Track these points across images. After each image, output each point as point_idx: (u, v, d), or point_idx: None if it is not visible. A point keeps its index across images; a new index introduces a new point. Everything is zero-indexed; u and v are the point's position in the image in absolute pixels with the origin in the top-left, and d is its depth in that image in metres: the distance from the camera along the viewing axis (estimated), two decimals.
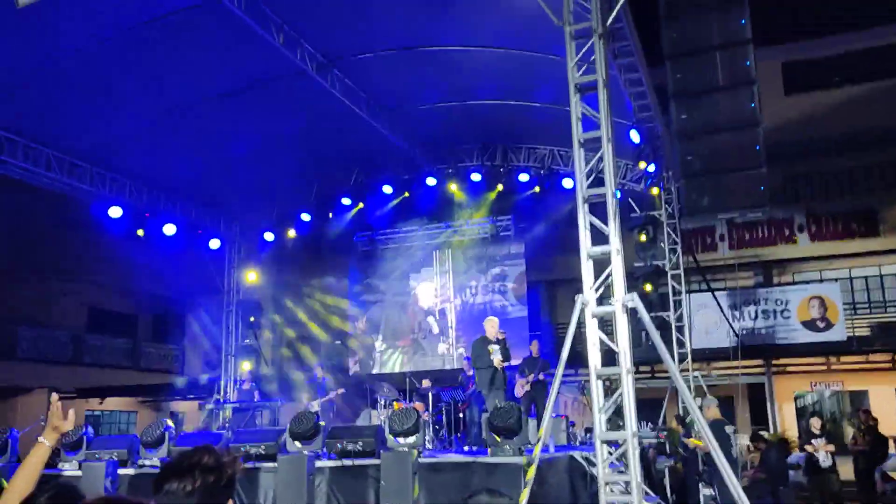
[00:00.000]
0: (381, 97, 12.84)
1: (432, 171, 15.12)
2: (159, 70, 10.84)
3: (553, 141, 14.59)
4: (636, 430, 6.07)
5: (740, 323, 15.99)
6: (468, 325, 18.61)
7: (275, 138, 13.63)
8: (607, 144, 6.59)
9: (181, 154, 13.25)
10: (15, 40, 9.24)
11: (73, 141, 11.81)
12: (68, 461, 8.75)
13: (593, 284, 6.72)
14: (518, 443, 8.51)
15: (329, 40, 11.00)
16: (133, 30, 9.69)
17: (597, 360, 6.49)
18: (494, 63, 11.90)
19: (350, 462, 8.67)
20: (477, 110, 13.64)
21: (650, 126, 11.79)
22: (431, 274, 19.16)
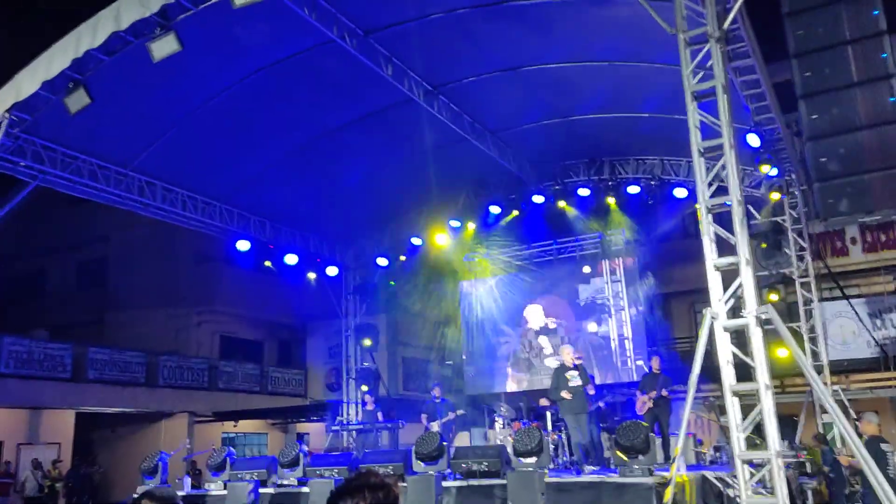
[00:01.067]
0: (485, 119, 13.01)
1: (540, 188, 15.10)
2: (279, 110, 11.53)
3: (661, 150, 14.23)
4: (780, 449, 5.77)
5: (882, 332, 14.83)
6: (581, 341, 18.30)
7: (385, 166, 14.09)
8: (730, 151, 6.38)
9: (300, 187, 13.94)
10: (149, 92, 10.11)
11: (204, 181, 12.71)
12: (214, 481, 9.31)
13: (722, 296, 6.48)
14: (646, 462, 8.29)
15: (434, 68, 11.30)
16: (255, 76, 10.37)
17: (731, 375, 6.23)
18: (598, 77, 11.80)
19: (476, 482, 8.74)
20: (581, 125, 13.54)
21: (770, 128, 11.26)
22: (542, 291, 19.00)
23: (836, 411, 6.49)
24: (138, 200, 11.79)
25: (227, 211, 13.41)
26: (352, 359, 16.73)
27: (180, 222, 12.89)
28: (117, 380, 17.42)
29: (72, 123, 9.40)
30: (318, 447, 18.35)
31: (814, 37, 6.42)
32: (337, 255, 16.52)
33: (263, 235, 14.32)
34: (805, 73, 6.34)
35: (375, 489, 2.19)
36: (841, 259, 16.72)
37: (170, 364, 18.62)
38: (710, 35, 6.52)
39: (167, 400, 18.39)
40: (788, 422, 12.87)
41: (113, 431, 19.27)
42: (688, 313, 20.77)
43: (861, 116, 6.40)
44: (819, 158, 6.46)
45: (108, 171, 11.20)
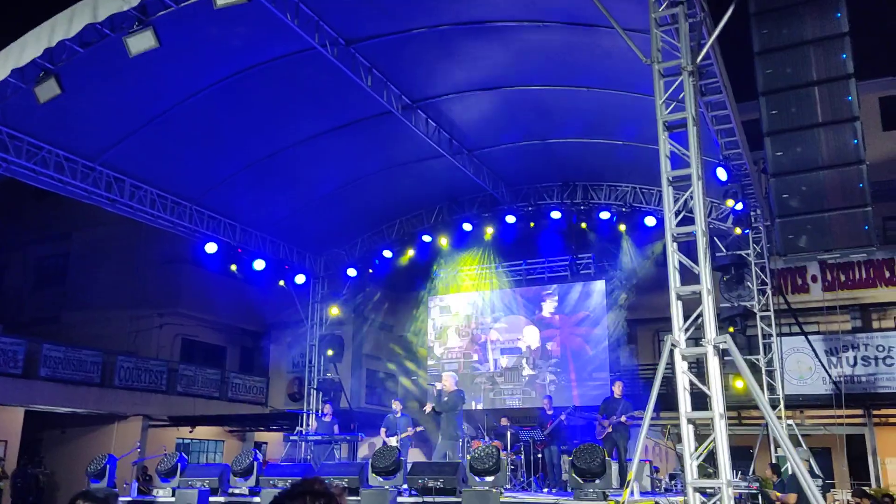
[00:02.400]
0: (462, 136, 13.09)
1: (513, 209, 15.20)
2: (254, 114, 11.45)
3: (635, 178, 14.43)
4: (731, 479, 5.83)
5: (837, 369, 15.13)
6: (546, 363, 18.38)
7: (359, 177, 14.07)
8: (698, 182, 6.50)
9: (273, 193, 13.84)
10: (123, 87, 9.98)
11: (175, 181, 12.55)
12: (163, 487, 9.10)
13: (683, 325, 6.56)
14: (601, 486, 8.31)
15: (414, 82, 11.36)
16: (233, 78, 10.31)
17: (687, 403, 6.30)
18: (576, 101, 11.96)
19: (431, 499, 8.66)
20: (558, 148, 13.69)
21: (738, 163, 11.52)
22: (508, 311, 19.08)
23: (789, 446, 6.59)
24: (105, 196, 11.58)
25: (197, 212, 13.24)
26: (315, 369, 16.55)
27: (148, 221, 12.68)
28: (71, 378, 16.97)
29: (40, 113, 9.23)
30: (277, 457, 18.08)
31: (782, 76, 6.60)
32: (306, 263, 16.40)
33: (233, 239, 14.16)
34: (772, 111, 6.51)
35: (317, 496, 2.16)
36: (801, 296, 17.08)
37: (127, 365, 18.21)
38: (684, 68, 6.67)
39: (122, 402, 17.96)
40: (743, 453, 13.04)
41: (63, 432, 18.74)
42: (652, 341, 21.00)
43: (824, 156, 6.58)
44: (782, 195, 6.62)
45: (75, 164, 11.00)
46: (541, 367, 18.44)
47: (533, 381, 18.38)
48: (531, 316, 18.81)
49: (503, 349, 18.95)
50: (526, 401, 17.97)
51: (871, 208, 6.61)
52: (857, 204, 6.50)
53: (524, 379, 18.52)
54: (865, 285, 17.51)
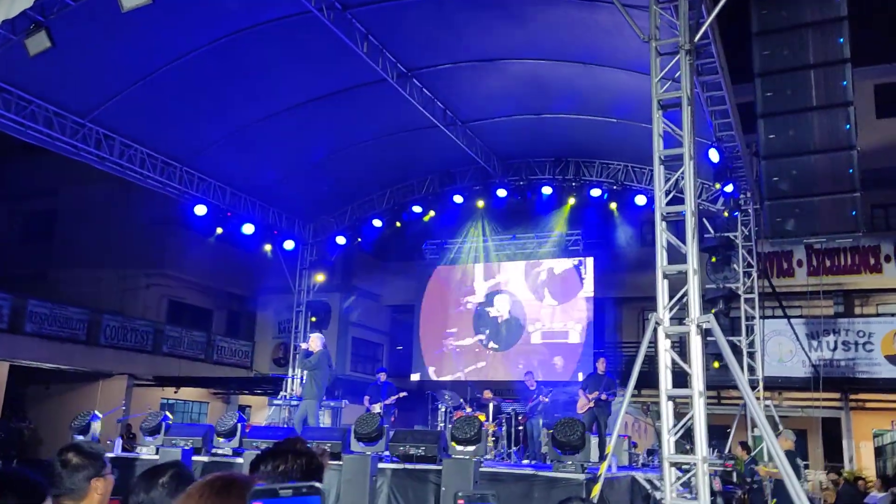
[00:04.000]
0: (457, 108, 13.01)
1: (504, 182, 15.18)
2: (248, 77, 11.33)
3: (627, 157, 14.43)
4: (706, 455, 5.95)
5: (817, 353, 15.36)
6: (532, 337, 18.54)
7: (352, 145, 13.99)
8: (689, 162, 6.52)
9: (264, 157, 13.76)
10: (116, 44, 9.83)
11: (166, 142, 12.44)
12: (146, 445, 9.18)
13: (667, 303, 6.63)
14: (580, 459, 8.45)
15: (410, 51, 11.25)
16: (227, 39, 10.17)
17: (668, 380, 6.39)
18: (572, 77, 11.89)
19: (412, 466, 8.79)
20: (552, 124, 13.64)
21: (730, 146, 11.53)
22: (498, 286, 19.18)
23: (766, 425, 6.72)
24: (95, 154, 11.46)
25: (187, 174, 13.15)
26: (301, 335, 16.61)
27: (137, 180, 12.58)
28: (56, 335, 16.94)
29: (30, 66, 9.08)
30: (260, 421, 18.21)
31: (779, 58, 6.58)
32: (295, 229, 16.36)
33: (222, 202, 14.09)
34: (767, 92, 6.50)
35: (298, 455, 2.20)
36: (786, 280, 17.25)
37: (113, 324, 18.19)
38: (681, 46, 6.64)
39: (107, 360, 17.97)
40: (721, 432, 13.27)
41: (47, 388, 18.76)
42: (637, 319, 21.19)
43: (816, 140, 6.60)
44: (772, 177, 6.65)
45: (64, 119, 10.87)
46: (526, 341, 18.60)
47: (518, 354, 18.55)
48: (519, 289, 18.92)
49: (490, 321, 19.08)
50: (510, 374, 18.15)
51: (859, 194, 6.66)
52: (846, 189, 6.55)
53: (509, 351, 18.68)
54: (850, 271, 17.70)
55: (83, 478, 2.43)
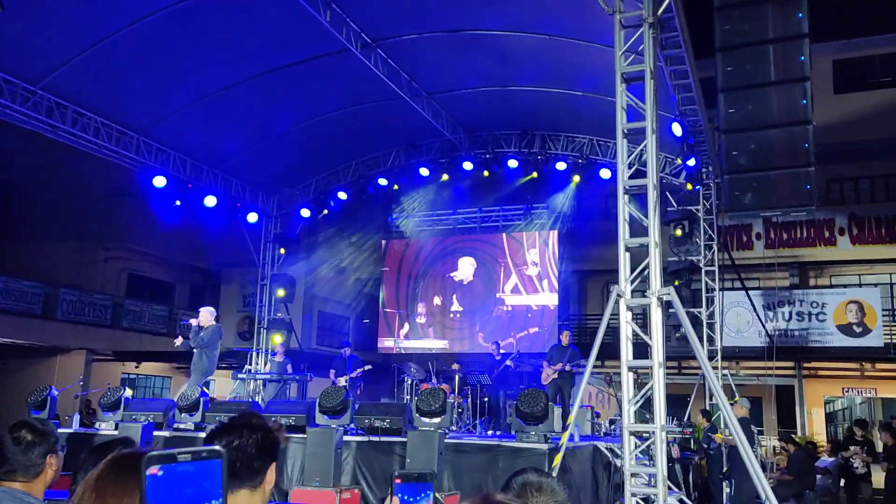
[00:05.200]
0: (423, 79, 12.86)
1: (470, 155, 15.14)
2: (208, 45, 11.02)
3: (592, 130, 14.48)
4: (664, 424, 6.09)
5: (773, 323, 15.79)
6: (496, 309, 18.69)
7: (316, 116, 13.76)
8: (651, 136, 6.56)
9: (225, 128, 13.46)
10: (69, 7, 9.47)
11: (122, 110, 12.08)
12: (105, 420, 9.05)
13: (629, 276, 6.71)
14: (543, 430, 8.57)
15: (374, 20, 11.05)
16: (186, 3, 9.85)
17: (629, 352, 6.50)
18: (538, 49, 11.83)
19: (377, 438, 8.83)
20: (517, 96, 13.59)
21: (693, 120, 11.65)
22: (464, 259, 19.23)
23: (721, 394, 6.89)
24: (46, 122, 11.08)
25: (144, 143, 12.81)
26: (265, 308, 16.48)
27: (91, 150, 12.22)
28: (11, 309, 16.53)
29: None
30: (225, 395, 18.09)
31: (739, 33, 6.63)
32: (259, 201, 16.13)
33: (183, 174, 13.79)
34: (727, 67, 6.55)
35: (254, 430, 2.18)
36: (745, 252, 17.64)
37: (70, 298, 17.81)
38: (645, 19, 6.64)
39: (65, 335, 17.63)
40: (681, 401, 13.61)
41: (3, 363, 18.36)
42: (601, 292, 21.50)
43: (774, 115, 6.68)
44: (731, 152, 6.74)
45: (14, 86, 10.46)
46: (491, 314, 18.74)
47: (485, 323, 18.69)
48: (484, 260, 19.00)
49: (456, 293, 19.16)
50: (474, 346, 18.31)
51: (814, 168, 6.79)
52: (801, 163, 6.66)
53: (475, 319, 18.81)
54: (805, 244, 18.17)
55: (38, 454, 2.39)
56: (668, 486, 6.38)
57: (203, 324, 10.43)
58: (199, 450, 1.01)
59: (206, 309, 10.72)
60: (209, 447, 1.03)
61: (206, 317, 10.49)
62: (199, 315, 10.49)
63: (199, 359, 10.50)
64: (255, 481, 2.07)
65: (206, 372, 10.59)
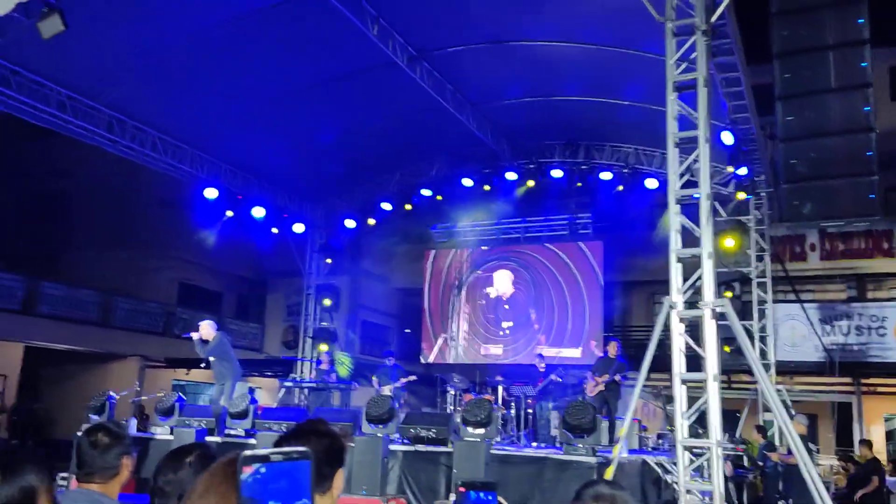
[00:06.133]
0: (467, 90, 12.93)
1: (514, 165, 15.12)
2: (259, 60, 11.28)
3: (638, 140, 14.34)
4: (721, 439, 5.95)
5: (830, 337, 15.29)
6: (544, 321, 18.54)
7: (362, 128, 13.94)
8: (704, 145, 6.46)
9: (273, 140, 13.74)
10: (127, 27, 9.80)
11: (176, 124, 12.44)
12: (160, 426, 9.26)
13: (681, 287, 6.60)
14: (591, 442, 8.47)
15: (420, 33, 11.17)
16: (238, 20, 10.12)
17: (681, 363, 6.38)
18: (584, 59, 11.79)
19: (423, 448, 8.84)
20: (562, 106, 13.55)
21: (745, 128, 11.42)
22: (500, 272, 19.16)
23: (781, 410, 6.71)
24: (106, 136, 11.48)
25: (197, 156, 13.16)
26: (311, 317, 16.69)
27: (148, 163, 12.61)
28: (70, 317, 17.09)
29: (43, 49, 9.06)
30: (270, 403, 18.34)
31: (798, 39, 6.48)
32: (305, 212, 16.38)
33: (232, 185, 14.11)
34: (785, 74, 6.40)
35: (321, 437, 2.21)
36: (799, 264, 17.12)
37: (125, 306, 18.33)
38: (697, 27, 6.56)
39: (119, 342, 18.12)
40: (731, 417, 13.27)
41: (61, 369, 18.95)
42: (646, 303, 21.15)
43: (834, 122, 6.50)
44: (790, 160, 6.57)
45: (77, 102, 10.87)
46: (534, 325, 18.60)
47: (526, 337, 18.57)
48: (528, 272, 18.89)
49: (500, 305, 19.09)
50: (519, 357, 18.19)
51: (877, 177, 6.57)
52: (864, 172, 6.45)
53: (518, 334, 18.70)
54: (863, 255, 17.52)
55: (115, 456, 2.47)
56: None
57: (205, 337, 10.54)
58: (290, 451, 1.05)
59: (206, 322, 10.89)
60: (299, 449, 1.07)
61: (208, 330, 10.64)
62: (200, 329, 10.62)
63: (220, 368, 10.66)
64: (325, 486, 2.09)
65: (234, 376, 10.75)
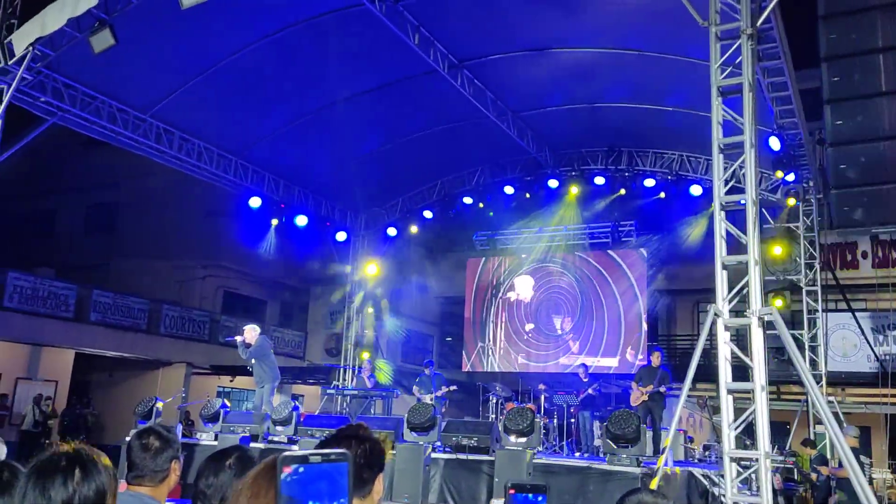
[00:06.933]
0: (508, 98, 12.92)
1: (555, 173, 15.04)
2: (301, 71, 11.49)
3: (682, 146, 14.12)
4: (769, 451, 5.79)
5: (883, 347, 14.77)
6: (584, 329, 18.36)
7: (402, 136, 14.05)
8: (750, 150, 6.33)
9: (316, 149, 13.93)
10: (174, 41, 10.08)
11: (221, 135, 12.72)
12: (206, 431, 9.43)
13: (727, 295, 6.46)
14: (635, 452, 8.33)
15: (461, 41, 11.22)
16: (281, 33, 10.32)
17: (728, 373, 6.24)
18: (625, 65, 11.69)
19: (465, 456, 8.82)
20: (604, 113, 13.44)
21: (792, 133, 11.14)
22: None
23: (832, 422, 6.49)
24: (154, 147, 11.81)
25: (241, 166, 13.42)
26: (353, 326, 16.82)
27: (194, 173, 12.91)
28: (119, 324, 17.57)
29: (94, 63, 9.39)
30: (312, 410, 18.52)
31: (846, 42, 6.29)
32: (347, 220, 16.55)
33: (276, 194, 14.34)
34: (834, 77, 6.22)
35: (362, 441, 2.22)
36: (850, 272, 16.60)
37: (172, 314, 18.76)
38: (743, 31, 6.44)
39: (166, 349, 18.55)
40: (780, 429, 12.92)
41: (110, 375, 19.47)
42: (691, 312, 20.77)
43: (885, 126, 6.29)
44: (839, 165, 6.38)
45: (126, 114, 11.21)
46: (578, 335, 18.42)
47: (554, 344, 18.39)
48: (572, 282, 18.73)
49: (542, 313, 18.95)
50: (562, 366, 18.02)
51: None
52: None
53: (560, 343, 18.54)
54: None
55: (165, 459, 2.51)
56: None
57: (249, 341, 10.94)
58: (328, 452, 1.07)
59: (250, 326, 11.39)
60: (337, 451, 1.08)
61: (251, 334, 11.10)
62: (245, 332, 11.09)
63: (260, 370, 11.01)
64: (364, 491, 2.10)
65: (273, 379, 11.10)
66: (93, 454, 1.79)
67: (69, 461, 1.72)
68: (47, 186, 23.28)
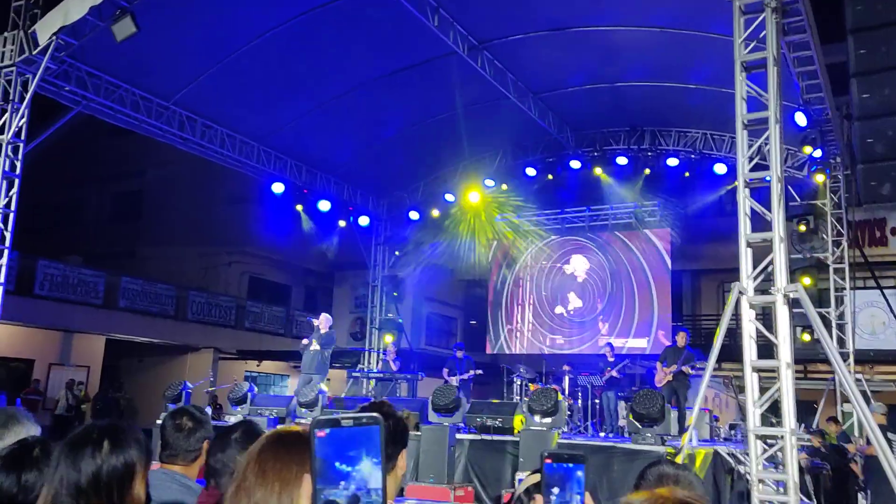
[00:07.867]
0: (528, 79, 12.83)
1: (577, 154, 14.94)
2: (321, 56, 11.50)
3: (706, 124, 13.93)
4: (794, 428, 5.76)
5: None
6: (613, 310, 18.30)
7: (423, 120, 14.03)
8: (775, 126, 6.24)
9: (337, 134, 13.97)
10: (196, 28, 10.15)
11: (244, 121, 12.81)
12: (234, 414, 9.60)
13: (751, 273, 6.41)
14: (660, 431, 8.34)
15: (480, 22, 11.14)
16: (302, 17, 10.33)
17: (752, 350, 6.20)
18: (647, 43, 11.53)
19: (489, 437, 8.89)
20: (626, 92, 13.29)
21: (819, 108, 10.94)
22: (576, 255, 18.94)
23: (860, 400, 6.43)
24: (178, 135, 11.93)
25: (264, 152, 13.52)
26: (377, 309, 16.94)
27: (218, 160, 13.04)
28: (147, 310, 17.89)
29: (117, 52, 9.49)
30: (338, 393, 18.74)
31: (873, 13, 6.12)
32: (370, 205, 16.61)
33: (299, 180, 14.44)
34: (860, 50, 6.06)
35: (386, 417, 2.26)
36: (878, 249, 16.31)
37: (199, 300, 19.05)
38: (767, 4, 6.33)
39: (194, 334, 18.86)
40: (807, 408, 12.81)
41: (140, 361, 19.86)
42: (716, 291, 20.61)
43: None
44: (866, 139, 6.25)
45: (150, 102, 11.33)
46: (603, 316, 18.37)
47: (591, 327, 18.35)
48: (595, 261, 18.64)
49: (566, 294, 18.91)
50: (584, 347, 18.00)
51: None
52: None
53: (585, 324, 18.50)
54: None
55: (197, 440, 2.57)
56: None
57: (322, 328, 11.23)
58: (360, 416, 1.10)
59: (326, 315, 11.89)
60: (369, 414, 1.11)
61: (325, 322, 11.55)
62: (320, 318, 11.60)
63: (314, 359, 11.15)
64: (388, 466, 2.15)
65: (324, 372, 11.42)
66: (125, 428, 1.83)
67: (100, 433, 1.76)
68: (75, 175, 23.66)
